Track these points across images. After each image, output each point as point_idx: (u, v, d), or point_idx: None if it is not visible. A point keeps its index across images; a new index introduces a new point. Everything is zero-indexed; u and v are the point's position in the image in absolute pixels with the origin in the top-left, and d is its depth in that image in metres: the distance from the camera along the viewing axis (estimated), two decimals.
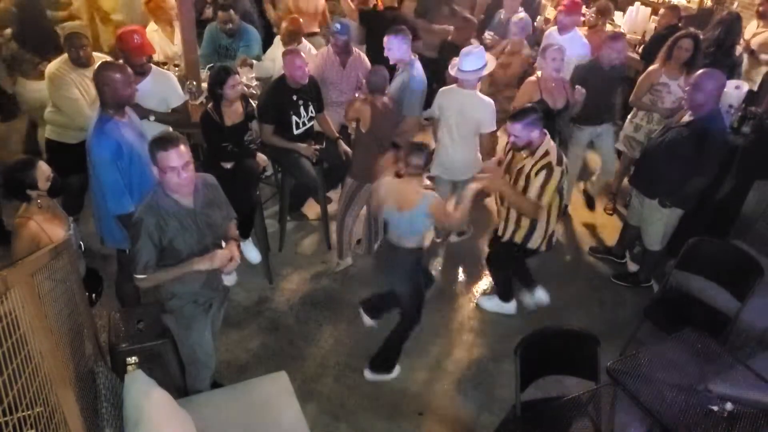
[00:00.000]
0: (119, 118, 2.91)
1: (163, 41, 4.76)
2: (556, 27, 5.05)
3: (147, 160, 2.79)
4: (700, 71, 3.47)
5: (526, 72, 4.72)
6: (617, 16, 6.60)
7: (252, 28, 4.98)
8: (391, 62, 4.06)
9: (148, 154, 2.35)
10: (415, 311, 3.22)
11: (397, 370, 3.36)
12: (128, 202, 2.85)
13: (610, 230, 4.83)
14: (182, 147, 2.31)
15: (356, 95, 3.84)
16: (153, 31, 4.72)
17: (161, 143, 2.30)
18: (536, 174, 3.20)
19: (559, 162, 3.21)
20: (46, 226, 2.67)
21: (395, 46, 3.94)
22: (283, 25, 4.74)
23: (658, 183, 3.70)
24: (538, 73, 4.10)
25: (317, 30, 5.54)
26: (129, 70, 2.97)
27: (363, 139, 3.67)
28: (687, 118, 3.53)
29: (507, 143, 3.39)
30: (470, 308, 3.95)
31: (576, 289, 4.19)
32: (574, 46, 4.63)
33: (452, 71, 3.88)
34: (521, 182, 3.28)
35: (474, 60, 3.75)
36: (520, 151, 3.29)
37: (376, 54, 4.41)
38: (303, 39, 4.68)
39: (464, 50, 3.82)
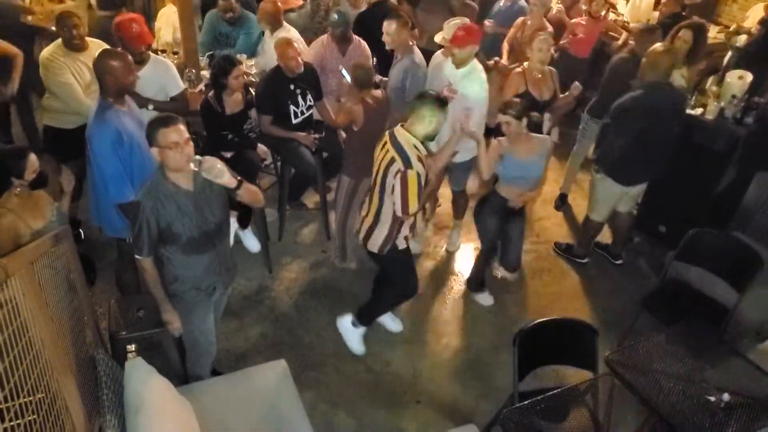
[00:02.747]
0: (119, 106, 2.90)
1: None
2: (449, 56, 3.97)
3: (147, 149, 2.79)
4: (654, 45, 3.62)
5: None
6: (620, 4, 6.56)
7: (253, 15, 4.93)
8: (387, 48, 4.04)
9: (146, 136, 2.35)
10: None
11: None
12: (129, 190, 2.85)
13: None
14: (181, 125, 2.33)
15: (341, 100, 3.78)
16: (172, 12, 4.69)
17: (162, 121, 2.32)
18: None
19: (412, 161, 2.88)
20: (24, 215, 2.65)
21: (393, 31, 3.92)
22: (261, 5, 4.56)
23: (597, 145, 3.95)
24: (525, 64, 4.08)
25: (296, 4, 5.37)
26: (129, 57, 2.96)
27: (358, 137, 3.62)
28: None
29: None
30: (468, 297, 3.96)
31: (574, 280, 4.20)
32: (470, 83, 3.71)
33: (437, 38, 4.03)
34: None
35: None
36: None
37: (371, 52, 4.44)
38: (284, 23, 4.60)
39: (448, 21, 3.93)
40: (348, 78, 3.84)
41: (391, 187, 2.89)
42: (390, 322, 3.63)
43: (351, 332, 3.45)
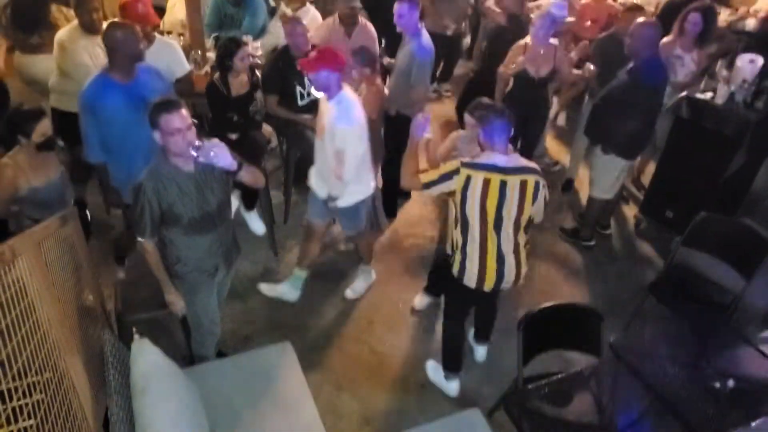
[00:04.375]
0: (120, 79, 2.95)
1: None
2: None
3: (136, 127, 2.87)
4: (638, 21, 3.67)
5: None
6: None
7: None
8: (398, 30, 4.00)
9: (148, 119, 2.33)
10: None
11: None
12: (96, 153, 3.03)
13: (618, 206, 4.80)
14: (183, 110, 2.32)
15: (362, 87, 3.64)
16: None
17: (164, 107, 2.30)
18: None
19: (473, 166, 2.57)
20: (27, 171, 2.77)
21: (406, 13, 3.88)
22: None
23: (601, 129, 3.91)
24: (527, 38, 4.05)
25: None
26: (136, 27, 3.02)
27: (374, 126, 3.58)
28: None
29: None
30: None
31: (580, 265, 4.19)
32: (339, 117, 3.00)
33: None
34: None
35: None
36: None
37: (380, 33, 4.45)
38: (308, 3, 4.56)
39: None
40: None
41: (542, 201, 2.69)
42: None
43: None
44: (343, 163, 2.97)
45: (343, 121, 2.95)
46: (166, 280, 2.61)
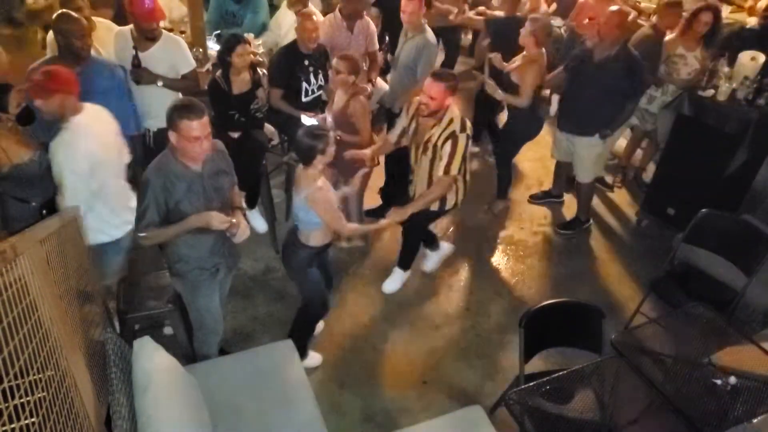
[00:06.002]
0: (66, 65, 3.00)
1: (174, 1, 4.67)
2: None
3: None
4: (611, 9, 3.82)
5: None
6: None
7: None
8: (405, 25, 4.02)
9: (167, 118, 2.31)
10: (318, 305, 3.04)
11: (315, 359, 3.22)
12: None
13: (620, 203, 4.80)
14: (205, 118, 2.29)
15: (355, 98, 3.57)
16: None
17: (186, 111, 2.26)
18: (443, 144, 3.15)
19: (463, 128, 3.15)
20: (9, 147, 2.75)
21: (414, 10, 3.89)
22: None
23: (593, 120, 3.95)
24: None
25: None
26: (84, 23, 3.15)
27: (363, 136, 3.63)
28: (604, 52, 3.79)
29: (411, 110, 3.35)
30: (475, 278, 3.96)
31: (582, 262, 4.19)
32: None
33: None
34: (429, 153, 3.24)
35: None
36: (426, 116, 3.16)
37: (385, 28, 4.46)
38: (309, 3, 4.58)
39: None
40: (310, 121, 3.75)
41: None
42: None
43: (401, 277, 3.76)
44: (63, 190, 2.65)
45: (59, 146, 2.62)
46: (187, 220, 2.41)
